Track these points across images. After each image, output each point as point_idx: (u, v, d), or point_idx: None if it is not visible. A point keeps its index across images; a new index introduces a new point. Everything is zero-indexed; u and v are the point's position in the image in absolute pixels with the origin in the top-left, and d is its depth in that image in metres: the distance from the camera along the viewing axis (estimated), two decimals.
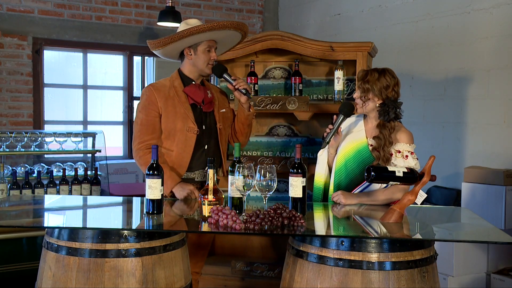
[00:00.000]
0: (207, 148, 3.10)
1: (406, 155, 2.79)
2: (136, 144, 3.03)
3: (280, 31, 3.69)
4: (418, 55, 5.08)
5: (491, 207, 4.00)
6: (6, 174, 4.24)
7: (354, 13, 5.84)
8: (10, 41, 5.66)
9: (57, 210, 2.91)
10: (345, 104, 2.87)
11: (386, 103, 2.80)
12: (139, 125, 3.04)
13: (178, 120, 3.01)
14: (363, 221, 2.66)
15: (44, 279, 2.38)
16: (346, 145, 2.92)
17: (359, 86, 2.84)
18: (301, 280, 2.27)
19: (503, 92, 4.39)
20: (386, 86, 2.79)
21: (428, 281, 2.23)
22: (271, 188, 2.41)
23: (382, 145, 2.80)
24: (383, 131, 2.82)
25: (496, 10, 4.45)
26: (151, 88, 3.06)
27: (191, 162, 3.04)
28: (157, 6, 6.34)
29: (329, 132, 2.85)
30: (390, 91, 2.80)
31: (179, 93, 3.06)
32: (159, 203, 2.49)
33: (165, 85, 3.08)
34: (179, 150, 3.01)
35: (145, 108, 3.03)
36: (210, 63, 3.06)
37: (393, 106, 2.80)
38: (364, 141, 2.88)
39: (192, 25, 3.00)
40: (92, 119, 6.32)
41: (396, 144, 2.81)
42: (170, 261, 2.41)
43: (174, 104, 3.03)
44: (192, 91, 3.07)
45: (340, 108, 2.87)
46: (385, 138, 2.80)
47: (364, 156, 2.86)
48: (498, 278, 3.94)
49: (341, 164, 2.91)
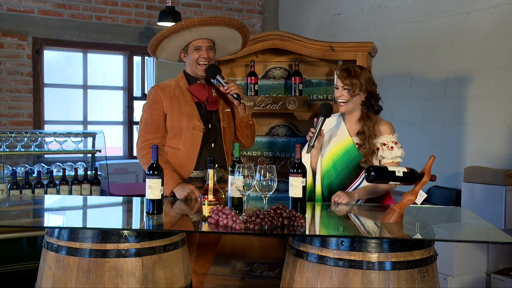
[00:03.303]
0: (213, 146, 3.09)
1: (392, 146, 2.89)
2: (140, 143, 3.04)
3: (280, 31, 3.69)
4: (418, 55, 5.08)
5: (491, 207, 4.00)
6: (6, 174, 4.24)
7: (354, 13, 5.84)
8: (10, 41, 5.66)
9: (57, 210, 2.91)
10: (324, 106, 2.89)
11: (370, 96, 2.89)
12: (143, 124, 3.06)
13: (184, 118, 3.02)
14: (363, 221, 2.66)
15: (44, 279, 2.38)
16: (332, 146, 2.95)
17: (347, 83, 2.86)
18: (301, 280, 2.27)
19: (503, 92, 4.40)
20: (369, 79, 2.90)
21: (428, 281, 2.23)
22: (271, 188, 2.41)
23: (367, 137, 2.87)
24: (367, 123, 2.90)
25: (496, 10, 4.45)
26: (157, 88, 3.08)
27: (199, 160, 3.04)
28: (157, 6, 6.34)
29: (312, 136, 2.86)
30: (372, 84, 2.91)
31: (184, 92, 3.07)
32: (159, 203, 2.49)
33: (170, 85, 3.10)
34: (186, 148, 3.01)
35: (150, 107, 3.05)
36: (200, 63, 3.04)
37: (376, 98, 2.91)
38: (349, 140, 2.93)
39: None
40: (92, 119, 6.32)
41: (380, 137, 2.90)
42: (170, 261, 2.41)
43: (179, 103, 3.04)
44: (196, 90, 3.07)
45: (320, 110, 2.89)
46: (369, 130, 2.88)
47: (352, 155, 2.91)
48: (498, 278, 3.94)
49: (329, 165, 2.94)
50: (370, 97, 2.90)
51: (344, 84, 2.87)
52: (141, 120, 3.10)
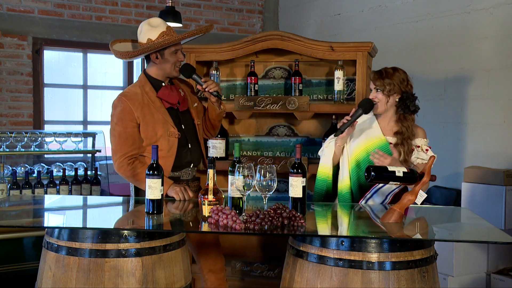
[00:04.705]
0: (190, 146, 3.08)
1: (426, 149, 2.91)
2: (118, 158, 2.94)
3: (280, 31, 3.69)
4: (418, 55, 5.08)
5: (491, 207, 4.00)
6: (6, 174, 4.24)
7: (354, 13, 5.84)
8: (10, 41, 5.66)
9: (57, 210, 2.91)
10: (367, 101, 2.93)
11: (404, 97, 2.90)
12: (117, 138, 2.96)
13: (158, 126, 2.96)
14: (363, 221, 2.66)
15: (44, 279, 2.38)
16: (363, 143, 2.95)
17: (379, 84, 2.89)
18: (301, 280, 2.27)
19: (503, 92, 4.39)
20: (402, 80, 2.91)
21: (428, 281, 2.23)
22: (271, 188, 2.41)
23: (405, 138, 2.89)
24: (404, 123, 2.92)
25: (496, 10, 4.45)
26: (124, 98, 2.97)
27: (176, 163, 3.02)
28: (157, 6, 6.34)
29: (346, 123, 2.89)
30: (406, 85, 2.92)
31: (152, 98, 3.00)
32: (159, 203, 2.49)
33: (136, 92, 3.00)
34: (162, 155, 2.93)
35: (121, 120, 2.94)
36: (177, 66, 3.02)
37: (412, 98, 2.91)
38: (383, 138, 2.94)
39: (156, 26, 2.96)
40: (92, 119, 6.32)
41: (414, 140, 2.92)
42: (170, 261, 2.41)
43: (151, 112, 2.97)
44: (166, 95, 3.01)
45: (361, 103, 2.93)
46: (408, 130, 2.90)
47: (386, 153, 2.87)
48: (498, 278, 3.94)
49: (360, 159, 2.95)
50: (404, 98, 2.90)
51: (376, 85, 2.91)
52: (113, 133, 2.98)
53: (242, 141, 3.95)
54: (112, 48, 3.07)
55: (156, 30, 2.96)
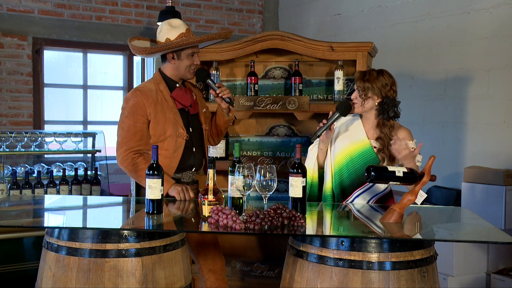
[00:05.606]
0: (195, 150, 3.10)
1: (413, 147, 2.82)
2: (123, 151, 2.95)
3: (280, 31, 3.69)
4: (418, 55, 5.08)
5: (491, 207, 4.00)
6: (6, 174, 4.25)
7: (354, 13, 5.84)
8: (10, 41, 5.66)
9: (57, 210, 2.91)
10: (343, 103, 2.88)
11: (385, 101, 2.84)
12: (125, 131, 2.96)
13: (169, 126, 2.98)
14: (363, 221, 2.66)
15: (44, 279, 2.38)
16: (347, 146, 2.92)
17: (359, 85, 2.87)
18: (301, 280, 2.27)
19: (503, 92, 4.39)
20: (385, 84, 2.84)
21: (428, 281, 2.23)
22: (271, 188, 2.41)
23: (385, 144, 2.84)
24: (383, 129, 2.87)
25: (496, 10, 4.45)
26: (138, 93, 2.98)
27: (180, 164, 3.03)
28: (157, 6, 6.33)
29: (322, 127, 2.85)
30: (389, 90, 2.85)
31: (166, 97, 3.02)
32: (159, 203, 2.49)
33: (151, 89, 3.01)
34: (167, 154, 2.96)
35: (132, 114, 2.95)
36: (192, 68, 3.04)
37: (392, 104, 2.85)
38: (367, 142, 2.90)
39: (176, 27, 2.98)
40: (92, 119, 6.31)
41: None
42: (170, 261, 2.41)
43: (163, 110, 2.99)
44: (180, 96, 3.04)
45: (338, 106, 2.88)
46: (386, 137, 2.84)
47: (369, 157, 2.87)
48: (498, 278, 3.94)
49: (343, 164, 2.92)
50: (383, 102, 2.85)
51: (357, 85, 2.89)
52: (121, 125, 2.98)
53: (242, 141, 3.95)
54: (130, 44, 3.09)
55: (175, 31, 2.98)
